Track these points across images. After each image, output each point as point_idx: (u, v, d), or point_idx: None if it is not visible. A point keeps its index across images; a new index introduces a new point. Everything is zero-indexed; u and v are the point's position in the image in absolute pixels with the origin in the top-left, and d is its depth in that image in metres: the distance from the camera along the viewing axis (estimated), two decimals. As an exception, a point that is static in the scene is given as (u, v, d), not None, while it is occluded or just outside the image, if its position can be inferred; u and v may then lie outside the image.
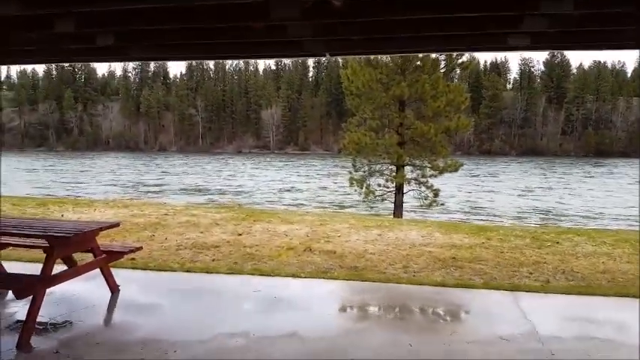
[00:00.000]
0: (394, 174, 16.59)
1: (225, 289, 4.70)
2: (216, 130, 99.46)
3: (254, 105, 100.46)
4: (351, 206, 26.58)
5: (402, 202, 16.84)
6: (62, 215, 8.22)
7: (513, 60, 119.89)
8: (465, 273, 5.49)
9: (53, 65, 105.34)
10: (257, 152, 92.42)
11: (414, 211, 19.32)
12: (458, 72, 18.58)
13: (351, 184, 17.01)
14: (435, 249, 6.53)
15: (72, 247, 3.93)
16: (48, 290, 3.81)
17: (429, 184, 16.70)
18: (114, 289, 4.42)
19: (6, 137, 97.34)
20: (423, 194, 16.57)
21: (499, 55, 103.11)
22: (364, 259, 5.81)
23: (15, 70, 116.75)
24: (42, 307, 3.74)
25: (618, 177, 51.05)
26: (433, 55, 15.89)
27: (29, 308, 3.53)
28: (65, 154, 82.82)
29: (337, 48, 4.37)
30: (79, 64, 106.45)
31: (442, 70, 16.48)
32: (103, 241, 6.38)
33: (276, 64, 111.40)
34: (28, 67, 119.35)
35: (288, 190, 34.78)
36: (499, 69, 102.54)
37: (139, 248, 4.60)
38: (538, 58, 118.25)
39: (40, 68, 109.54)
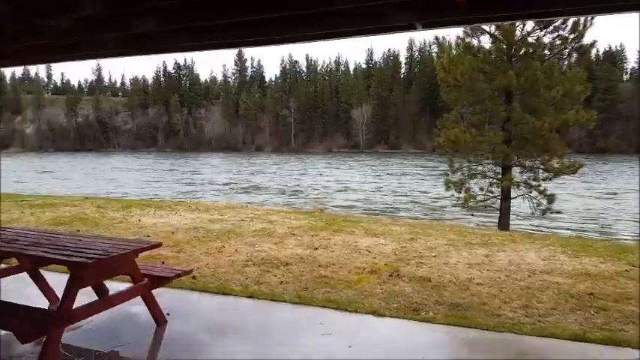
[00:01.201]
0: (499, 176, 14.59)
1: (288, 326, 3.73)
2: (308, 130, 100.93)
3: (344, 104, 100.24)
4: (405, 209, 24.75)
5: (510, 210, 14.78)
6: (139, 220, 7.93)
7: (630, 48, 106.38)
8: (610, 318, 3.97)
9: (161, 71, 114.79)
10: (347, 151, 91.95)
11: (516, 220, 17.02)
12: (567, 61, 15.88)
13: (448, 188, 15.28)
14: (564, 279, 5.01)
15: (99, 273, 3.21)
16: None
17: (542, 188, 14.46)
18: (160, 320, 3.66)
19: (121, 139, 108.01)
20: (534, 200, 14.36)
21: (613, 43, 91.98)
22: (469, 292, 4.52)
23: (128, 77, 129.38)
24: (66, 342, 3.09)
25: None
26: (546, 40, 13.73)
27: (40, 355, 2.84)
28: (170, 154, 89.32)
29: (433, 15, 3.15)
30: (184, 70, 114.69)
31: (556, 57, 14.18)
32: (167, 253, 5.85)
33: (367, 63, 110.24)
34: (139, 74, 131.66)
35: (343, 191, 33.44)
36: (614, 58, 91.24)
37: (189, 271, 3.82)
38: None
39: (150, 75, 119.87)
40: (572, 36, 13.39)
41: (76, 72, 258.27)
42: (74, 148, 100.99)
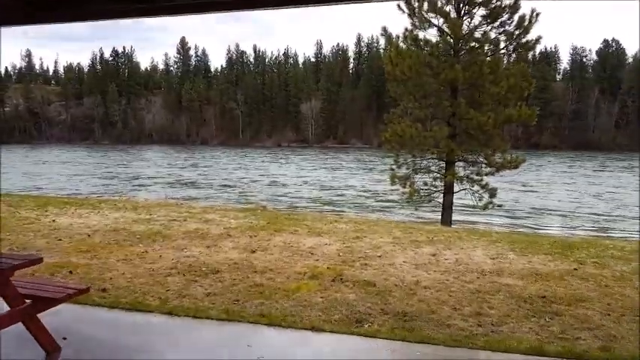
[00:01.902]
0: (443, 171, 14.62)
1: (208, 350, 3.16)
2: (256, 124, 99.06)
3: (293, 98, 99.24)
4: (329, 202, 25.13)
5: (452, 204, 14.88)
6: (54, 221, 7.00)
7: (564, 49, 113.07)
8: (567, 326, 3.72)
9: (98, 59, 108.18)
10: (295, 146, 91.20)
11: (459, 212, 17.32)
12: (511, 57, 16.15)
13: (393, 182, 15.16)
14: (514, 280, 4.78)
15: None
16: None
17: (484, 183, 14.65)
18: (51, 348, 2.98)
19: (54, 130, 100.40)
20: (477, 194, 14.53)
21: (549, 44, 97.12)
22: (416, 298, 4.14)
23: (62, 65, 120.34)
24: None
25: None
26: (492, 35, 13.82)
27: None
28: (107, 147, 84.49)
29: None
30: (122, 58, 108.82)
31: (502, 52, 14.34)
32: (78, 260, 5.03)
33: (316, 57, 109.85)
34: (74, 62, 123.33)
35: (272, 185, 33.32)
36: (549, 58, 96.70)
37: (84, 290, 3.11)
38: (591, 47, 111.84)
39: (86, 62, 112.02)
40: (517, 32, 13.54)
41: (2, 58, 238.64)
42: (1, 141, 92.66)
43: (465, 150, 14.63)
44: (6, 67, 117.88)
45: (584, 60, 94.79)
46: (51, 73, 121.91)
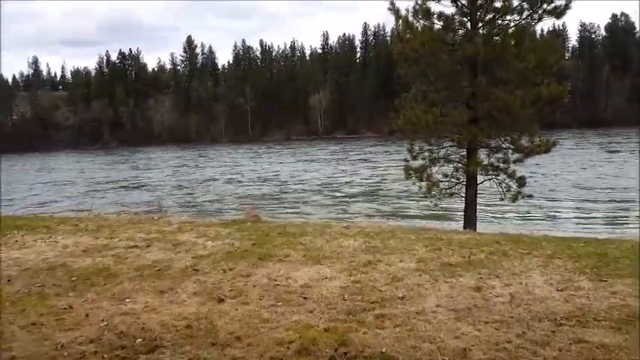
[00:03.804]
0: (465, 160, 12.84)
1: None
2: (265, 119, 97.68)
3: (301, 91, 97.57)
4: (272, 198, 23.61)
5: (476, 196, 13.11)
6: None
7: (572, 26, 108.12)
8: None
9: (104, 62, 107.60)
10: (305, 139, 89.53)
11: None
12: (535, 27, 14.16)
13: (408, 176, 13.44)
14: (609, 334, 3.11)
15: None
16: None
17: (511, 171, 12.85)
18: None
19: (62, 136, 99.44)
20: (504, 185, 12.75)
21: (558, 21, 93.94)
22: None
23: (69, 69, 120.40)
24: None
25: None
26: (515, 2, 11.97)
27: None
28: (114, 150, 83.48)
29: None
30: (129, 60, 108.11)
31: (524, 21, 12.49)
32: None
33: (323, 48, 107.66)
34: (81, 66, 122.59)
35: (230, 182, 32.15)
36: (557, 36, 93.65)
37: None
38: (599, 22, 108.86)
39: (92, 66, 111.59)
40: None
41: (10, 66, 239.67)
42: (12, 149, 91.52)
43: (488, 135, 12.85)
44: (14, 76, 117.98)
45: (593, 37, 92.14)
46: (58, 79, 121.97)
